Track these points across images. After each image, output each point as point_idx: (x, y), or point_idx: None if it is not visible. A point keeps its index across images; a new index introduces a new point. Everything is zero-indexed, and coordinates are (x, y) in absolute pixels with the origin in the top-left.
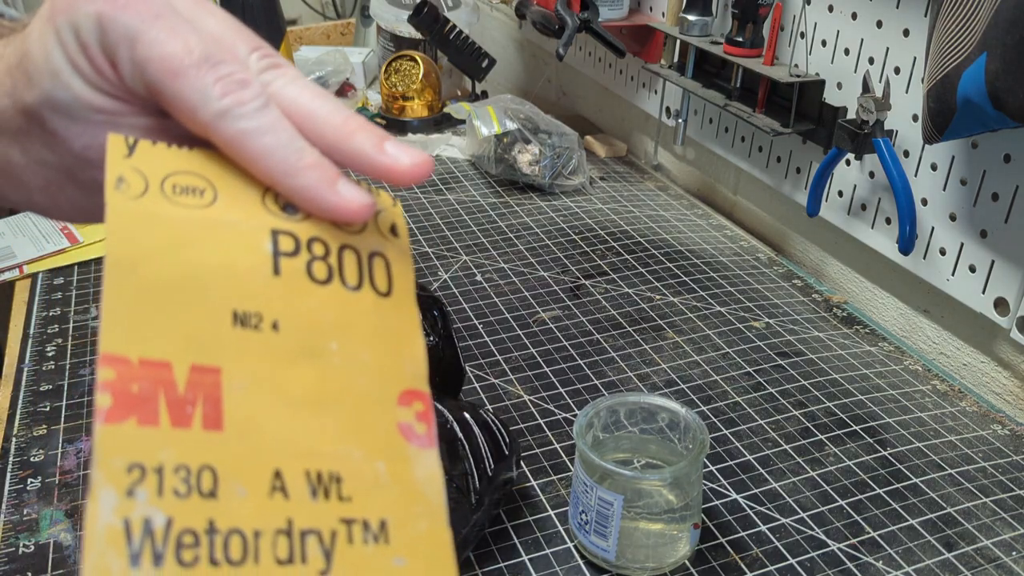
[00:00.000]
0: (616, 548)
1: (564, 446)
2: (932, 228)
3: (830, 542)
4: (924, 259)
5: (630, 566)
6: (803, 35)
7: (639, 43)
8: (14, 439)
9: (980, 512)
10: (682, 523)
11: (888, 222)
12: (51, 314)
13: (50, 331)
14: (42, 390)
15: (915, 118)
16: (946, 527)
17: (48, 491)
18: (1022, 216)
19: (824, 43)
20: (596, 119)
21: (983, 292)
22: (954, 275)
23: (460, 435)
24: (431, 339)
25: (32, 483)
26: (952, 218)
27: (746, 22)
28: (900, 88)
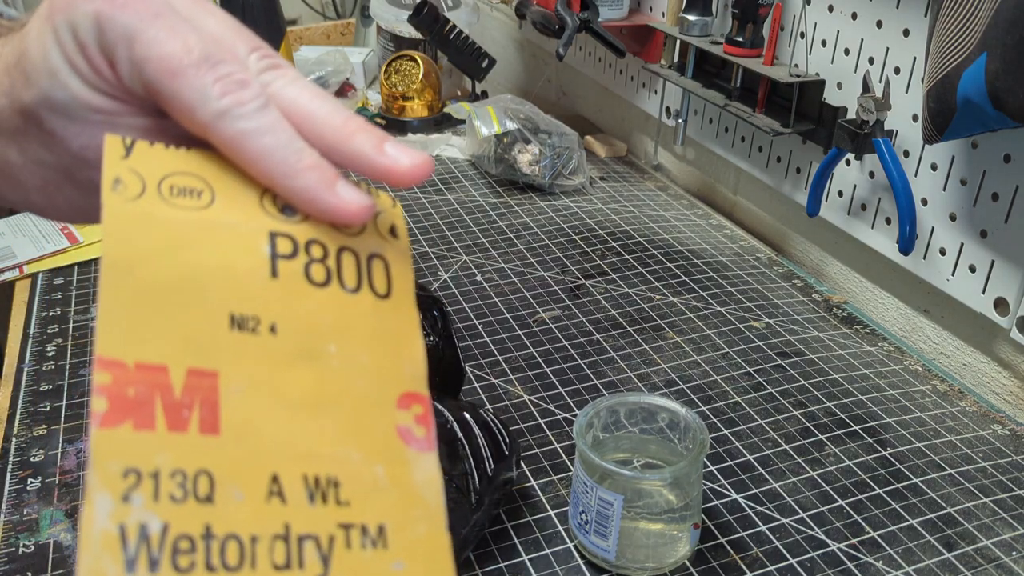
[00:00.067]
0: (616, 548)
1: (564, 446)
2: (932, 228)
3: (830, 542)
4: (924, 259)
5: (630, 566)
6: (803, 35)
7: (639, 43)
8: (14, 439)
9: (980, 512)
10: (682, 523)
11: (888, 222)
12: (51, 314)
13: (50, 331)
14: (42, 390)
15: (915, 118)
16: (946, 527)
17: (48, 491)
18: (1022, 216)
19: (824, 43)
20: (596, 119)
21: (983, 292)
22: (954, 275)
23: (460, 435)
24: (431, 339)
25: (32, 483)
26: (952, 218)
27: (746, 22)
28: (900, 88)
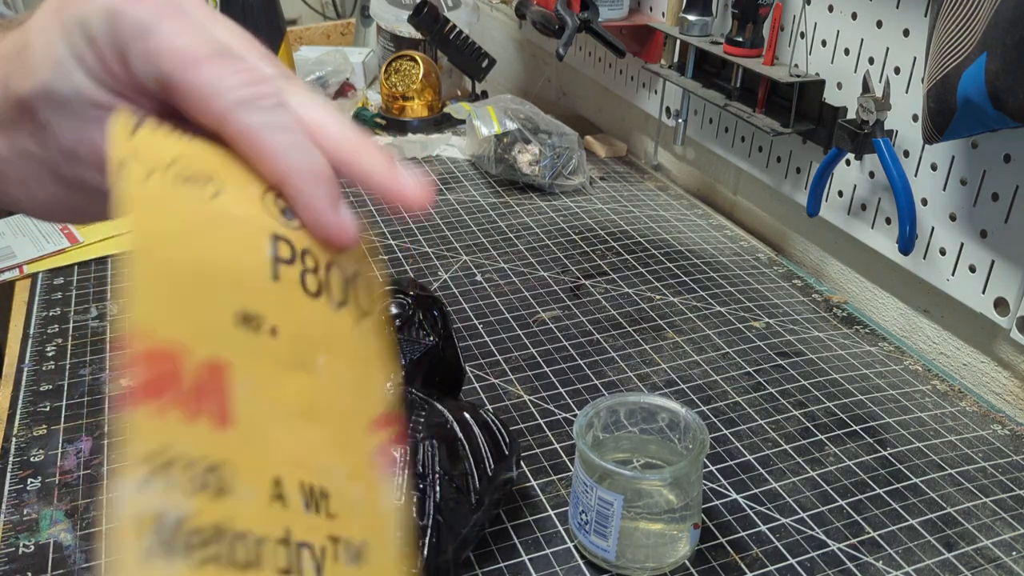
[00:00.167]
0: (616, 548)
1: (564, 446)
2: (932, 228)
3: (830, 542)
4: (924, 259)
5: (630, 566)
6: (803, 35)
7: (639, 43)
8: (14, 439)
9: (980, 512)
10: (682, 523)
11: (888, 222)
12: (51, 314)
13: (50, 331)
14: (42, 390)
15: (915, 118)
16: (946, 527)
17: (48, 491)
18: (1022, 216)
19: (824, 43)
20: (596, 119)
21: (983, 292)
22: (954, 275)
23: (460, 435)
24: (431, 339)
25: (32, 483)
26: (952, 218)
27: (746, 22)
28: (900, 88)
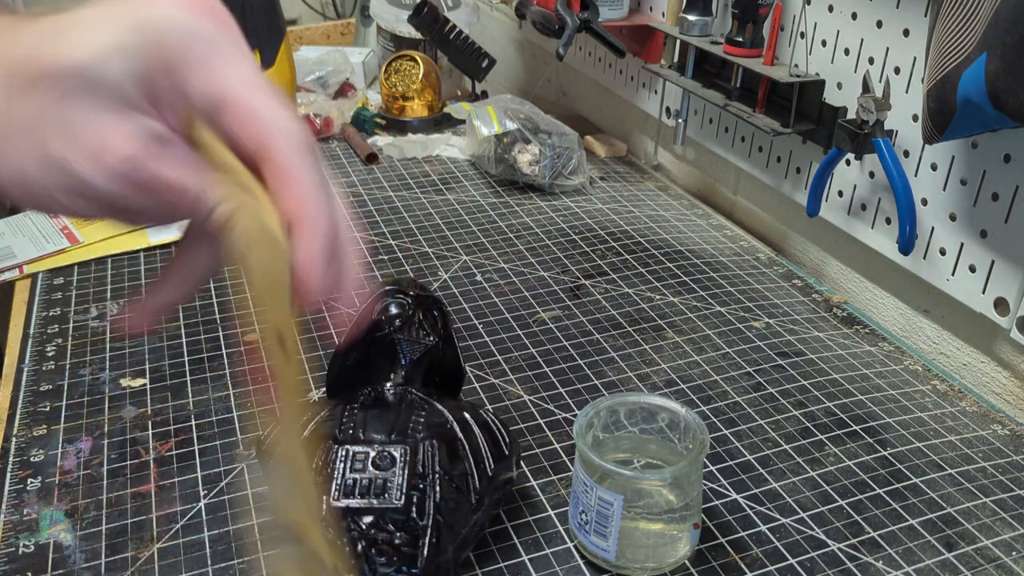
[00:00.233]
0: (616, 548)
1: (564, 446)
2: (932, 228)
3: (830, 542)
4: (924, 259)
5: (630, 566)
6: (803, 35)
7: (639, 43)
8: (14, 439)
9: (980, 512)
10: (682, 523)
11: (888, 222)
12: (51, 314)
13: (50, 331)
14: (42, 390)
15: (915, 118)
16: (946, 527)
17: (48, 491)
18: (1022, 216)
19: (824, 43)
20: (596, 119)
21: (983, 292)
22: (954, 275)
23: (460, 435)
24: (431, 339)
25: (32, 483)
26: (952, 218)
27: (746, 22)
28: (900, 88)
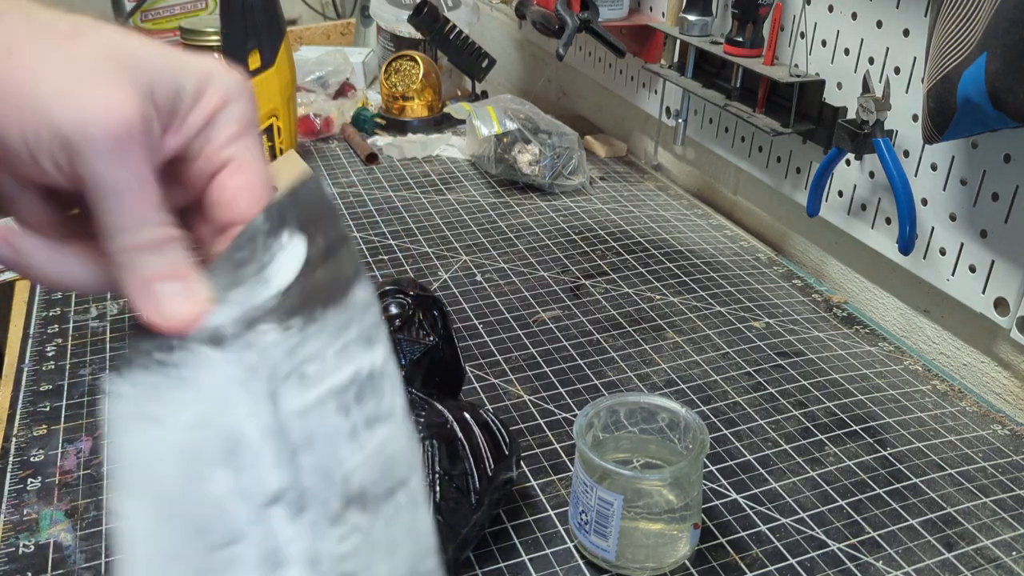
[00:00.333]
0: (616, 548)
1: (564, 446)
2: (932, 228)
3: (830, 542)
4: (924, 259)
5: (630, 566)
6: (803, 35)
7: (639, 43)
8: (14, 439)
9: (980, 512)
10: (682, 523)
11: (888, 222)
12: (51, 314)
13: (50, 331)
14: (42, 390)
15: (915, 118)
16: (946, 527)
17: (48, 491)
18: (1022, 216)
19: (824, 43)
20: (596, 119)
21: (983, 292)
22: (954, 275)
23: (460, 435)
24: (431, 339)
25: (32, 483)
26: (952, 218)
27: (746, 22)
28: (900, 88)
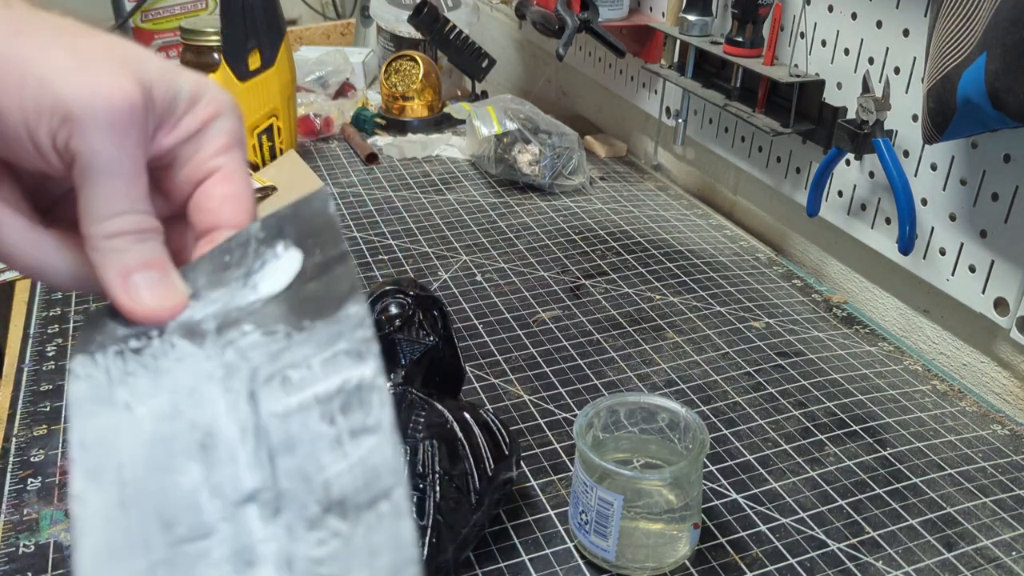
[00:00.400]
0: (616, 548)
1: (564, 446)
2: (932, 228)
3: (830, 542)
4: (924, 259)
5: (630, 566)
6: (803, 35)
7: (639, 43)
8: (14, 439)
9: (980, 512)
10: (682, 523)
11: (888, 222)
12: (51, 314)
13: (50, 331)
14: (42, 390)
15: (915, 118)
16: (946, 527)
17: (48, 491)
18: (1022, 216)
19: (824, 43)
20: (596, 119)
21: (983, 292)
22: (954, 275)
23: (460, 435)
24: (431, 339)
25: (32, 483)
26: (952, 218)
27: (746, 22)
28: (900, 88)
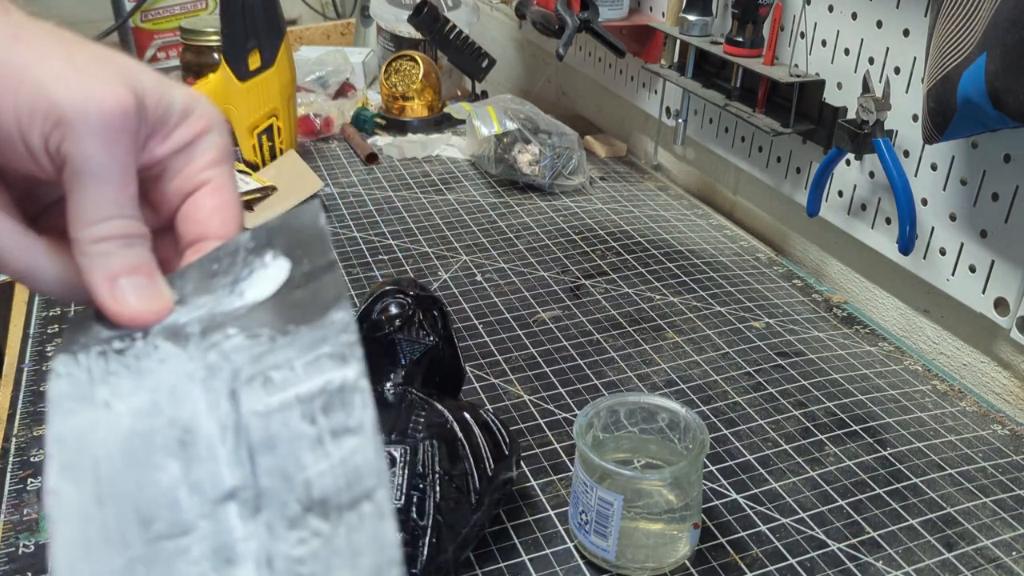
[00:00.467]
0: (616, 548)
1: (564, 446)
2: (932, 228)
3: (830, 542)
4: (924, 259)
5: (630, 566)
6: (803, 35)
7: (639, 43)
8: (14, 439)
9: (980, 512)
10: (682, 523)
11: (888, 222)
12: (51, 314)
13: (50, 331)
14: (42, 390)
15: (915, 118)
16: (946, 527)
17: None
18: (1022, 216)
19: (824, 43)
20: (596, 119)
21: (983, 292)
22: (954, 275)
23: (460, 435)
24: (431, 339)
25: (32, 483)
26: (952, 218)
27: (746, 22)
28: (900, 88)
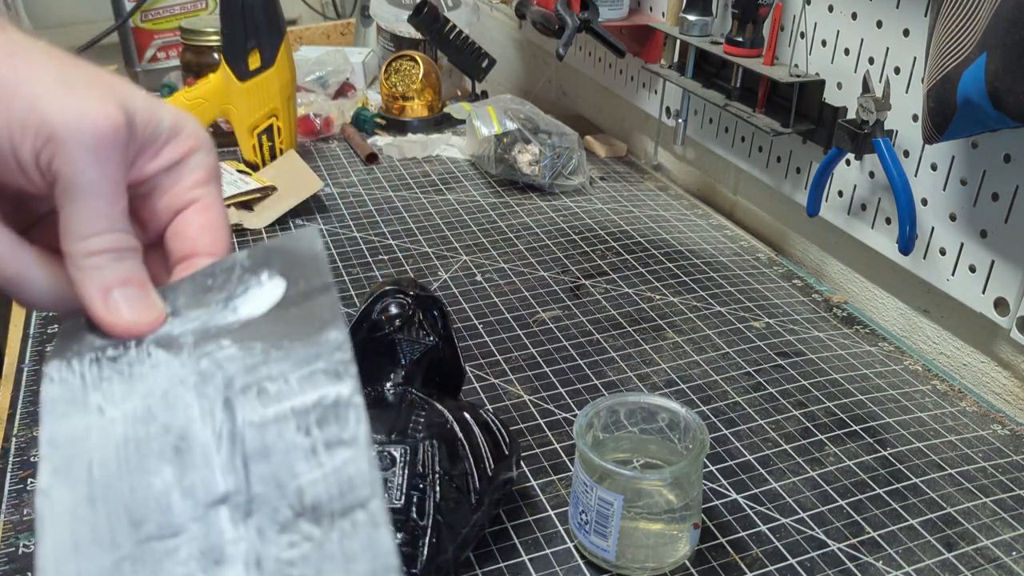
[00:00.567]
0: (616, 548)
1: (564, 446)
2: (932, 228)
3: (830, 542)
4: (924, 259)
5: (630, 566)
6: (803, 35)
7: (639, 43)
8: (14, 439)
9: (980, 512)
10: (682, 523)
11: (888, 222)
12: (51, 314)
13: (50, 331)
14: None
15: (915, 118)
16: (946, 527)
17: None
18: (1022, 216)
19: (824, 43)
20: (596, 119)
21: (983, 292)
22: (954, 275)
23: (460, 435)
24: (431, 339)
25: (32, 483)
26: (952, 218)
27: (746, 22)
28: (900, 88)
